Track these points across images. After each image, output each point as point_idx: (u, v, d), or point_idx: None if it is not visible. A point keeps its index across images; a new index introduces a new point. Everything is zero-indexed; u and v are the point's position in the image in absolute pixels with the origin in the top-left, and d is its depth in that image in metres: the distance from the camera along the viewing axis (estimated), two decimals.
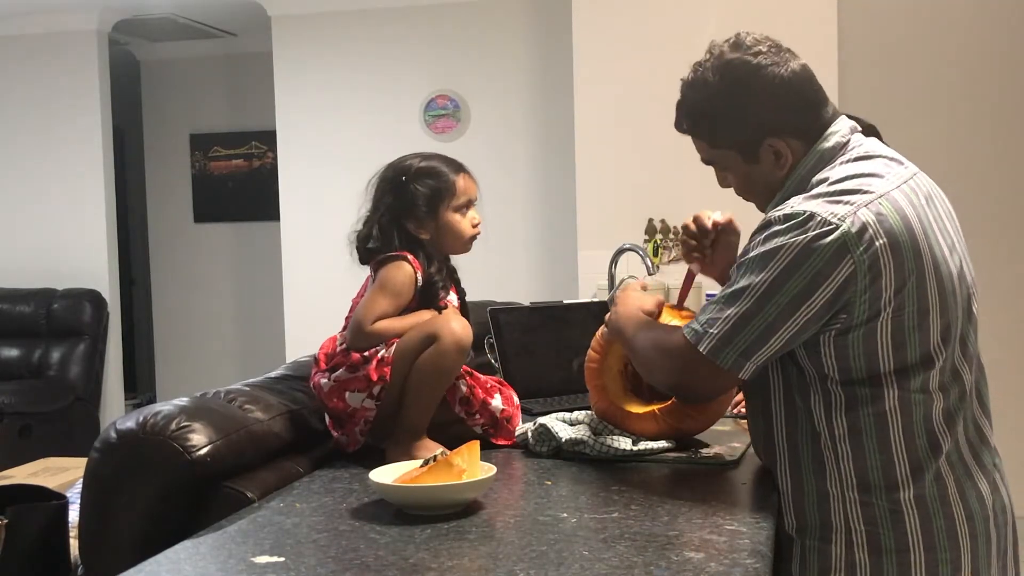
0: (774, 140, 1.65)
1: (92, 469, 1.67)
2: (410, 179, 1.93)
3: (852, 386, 1.57)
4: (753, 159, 1.68)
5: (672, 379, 1.70)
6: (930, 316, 1.56)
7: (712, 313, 1.57)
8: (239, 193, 7.07)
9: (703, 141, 1.72)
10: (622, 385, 1.96)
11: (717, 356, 1.56)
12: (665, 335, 1.69)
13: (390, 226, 1.92)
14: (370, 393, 1.83)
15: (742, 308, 1.54)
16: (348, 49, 5.64)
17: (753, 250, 1.57)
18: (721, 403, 1.95)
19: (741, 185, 1.74)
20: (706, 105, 1.68)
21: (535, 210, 5.50)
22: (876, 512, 1.57)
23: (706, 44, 1.71)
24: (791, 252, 1.51)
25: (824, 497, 1.60)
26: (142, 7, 6.04)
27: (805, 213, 1.52)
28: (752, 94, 1.64)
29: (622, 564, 1.28)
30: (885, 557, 1.57)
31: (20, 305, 6.08)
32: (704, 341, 1.56)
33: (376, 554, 1.34)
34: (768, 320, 1.52)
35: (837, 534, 1.59)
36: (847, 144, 1.66)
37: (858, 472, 1.58)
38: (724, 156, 1.71)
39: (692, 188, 4.48)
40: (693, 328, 1.59)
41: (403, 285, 1.87)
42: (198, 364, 7.06)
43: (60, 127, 6.19)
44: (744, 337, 1.54)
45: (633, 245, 3.52)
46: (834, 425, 1.58)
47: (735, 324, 1.54)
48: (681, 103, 1.72)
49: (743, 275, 1.56)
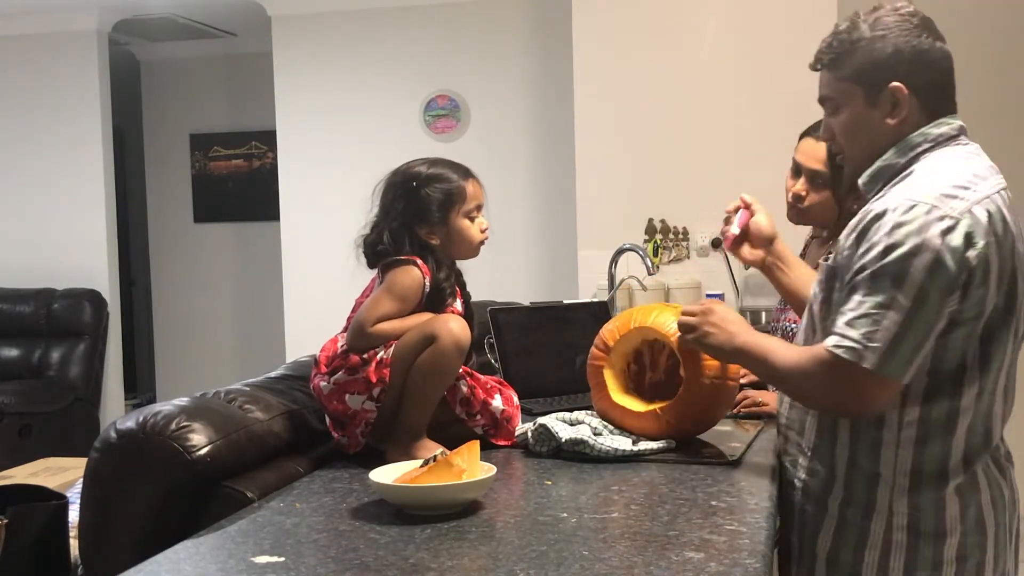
0: (900, 85, 1.65)
1: (92, 469, 1.67)
2: (421, 184, 1.93)
3: (936, 379, 1.60)
4: (873, 101, 1.68)
5: (834, 401, 1.63)
6: (1015, 318, 1.62)
7: (867, 327, 1.53)
8: (239, 193, 7.07)
9: (832, 71, 1.72)
10: (624, 384, 1.97)
11: (884, 369, 1.53)
12: (812, 357, 1.61)
13: (401, 231, 1.92)
14: (370, 395, 1.83)
15: (900, 315, 1.52)
16: (348, 49, 5.64)
17: (878, 244, 1.55)
18: (722, 404, 1.96)
19: (847, 128, 1.73)
20: (853, 35, 1.68)
21: (535, 210, 5.50)
22: (921, 499, 1.63)
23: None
24: (929, 247, 1.51)
25: (874, 479, 1.65)
26: (142, 7, 6.04)
27: (926, 205, 1.54)
28: (898, 37, 1.66)
29: (622, 564, 1.28)
30: (922, 540, 1.63)
31: (20, 305, 6.08)
32: (868, 357, 1.53)
33: (376, 554, 1.34)
34: (927, 320, 1.53)
35: (879, 514, 1.65)
36: (955, 138, 1.68)
37: (914, 460, 1.63)
38: (846, 91, 1.70)
39: (692, 188, 4.49)
40: (848, 346, 1.54)
41: (410, 290, 1.88)
42: (198, 364, 7.05)
43: (60, 127, 6.19)
44: (907, 344, 1.53)
45: (633, 245, 3.52)
46: (905, 413, 1.62)
47: (896, 333, 1.52)
48: (829, 39, 1.73)
49: (886, 279, 1.53)
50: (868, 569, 1.66)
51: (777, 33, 4.31)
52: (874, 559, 1.65)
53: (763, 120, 4.30)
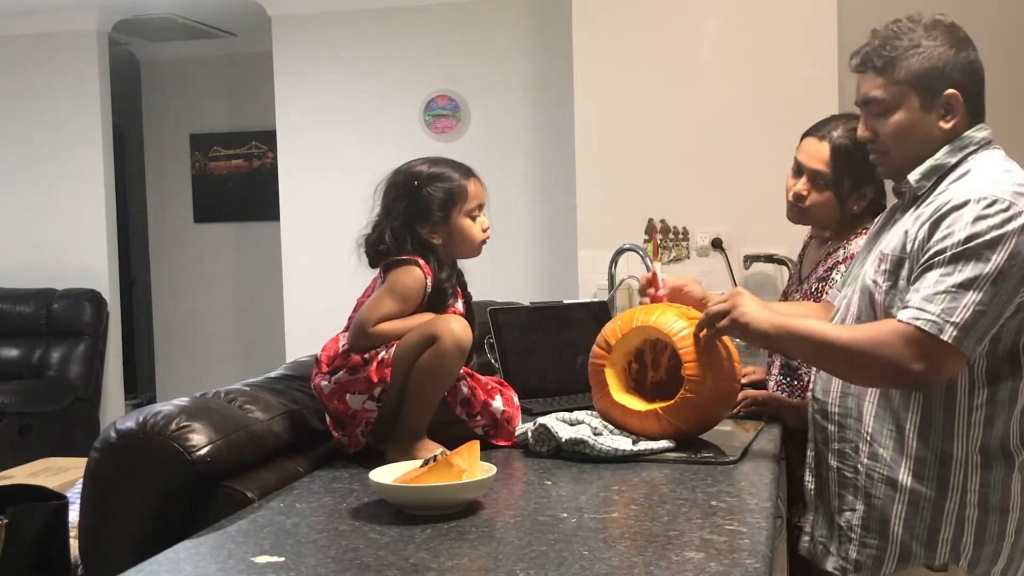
0: (956, 92, 1.77)
1: (92, 469, 1.67)
2: (423, 184, 1.93)
3: (997, 360, 1.72)
4: (928, 105, 1.78)
5: (903, 374, 1.68)
6: None
7: (947, 303, 1.63)
8: (239, 193, 7.07)
9: (886, 76, 1.78)
10: (626, 383, 1.97)
11: (961, 343, 1.63)
12: (885, 330, 1.69)
13: (402, 230, 1.92)
14: (371, 395, 1.83)
15: (979, 295, 1.63)
16: (348, 49, 5.64)
17: (959, 232, 1.66)
18: (724, 406, 1.95)
19: (898, 131, 1.80)
20: (908, 41, 1.77)
21: (535, 210, 5.50)
22: (992, 475, 1.74)
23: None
24: (1011, 239, 1.64)
25: (947, 459, 1.74)
26: (142, 7, 6.04)
27: (1005, 200, 1.66)
28: (952, 47, 1.77)
29: (622, 564, 1.28)
30: (991, 515, 1.75)
31: (20, 305, 6.08)
32: (948, 330, 1.63)
33: (376, 554, 1.34)
34: (1001, 305, 1.65)
35: (954, 491, 1.74)
36: (991, 142, 1.82)
37: (983, 439, 1.74)
38: (901, 95, 1.78)
39: (692, 188, 4.49)
40: (928, 319, 1.64)
41: (412, 290, 1.87)
42: (198, 364, 7.05)
43: (60, 127, 6.19)
44: (983, 323, 1.64)
45: (633, 245, 3.53)
46: (975, 394, 1.73)
47: (975, 313, 1.63)
48: (876, 43, 1.80)
49: (967, 261, 1.64)
50: (943, 544, 1.75)
51: (777, 33, 4.31)
52: (948, 536, 1.75)
53: (763, 120, 4.30)
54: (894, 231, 1.83)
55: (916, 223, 1.74)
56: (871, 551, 1.81)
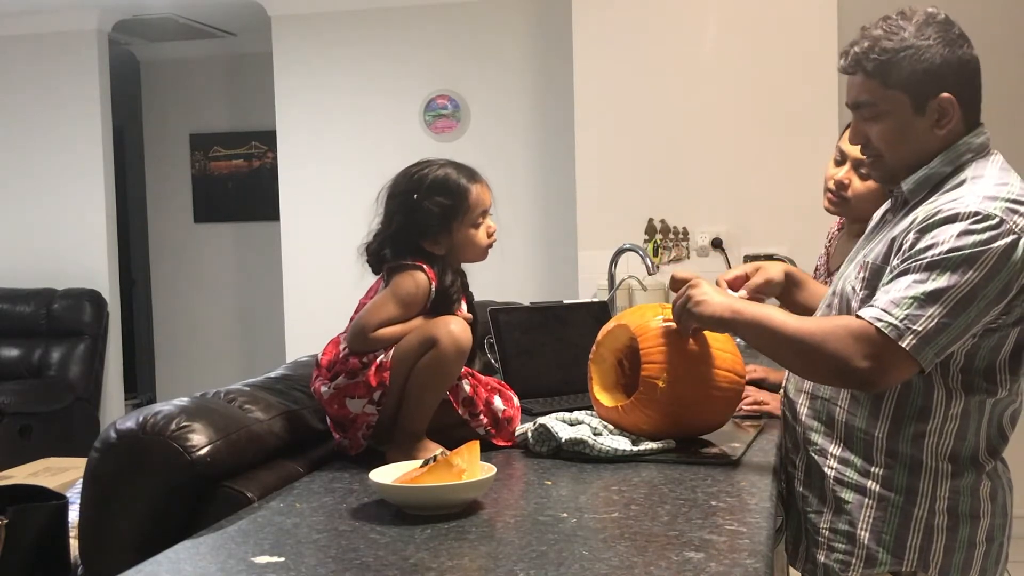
0: (951, 96, 1.69)
1: (92, 469, 1.67)
2: (422, 197, 1.87)
3: (970, 375, 1.68)
4: (920, 109, 1.70)
5: (850, 372, 1.63)
6: None
7: (913, 309, 1.59)
8: (239, 193, 7.07)
9: (877, 80, 1.71)
10: (614, 380, 1.98)
11: (919, 353, 1.59)
12: (840, 325, 1.65)
13: (403, 244, 1.89)
14: (371, 399, 1.83)
15: (946, 309, 1.58)
16: (348, 49, 5.64)
17: (942, 243, 1.60)
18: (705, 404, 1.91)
19: (890, 136, 1.73)
20: (898, 42, 1.69)
21: (535, 210, 5.50)
22: (962, 483, 1.72)
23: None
24: (992, 257, 1.58)
25: (917, 465, 1.72)
26: (142, 7, 6.04)
27: (995, 217, 1.60)
28: (944, 46, 1.68)
29: (622, 564, 1.28)
30: (961, 522, 1.73)
31: (20, 305, 6.08)
32: (907, 337, 1.59)
33: (376, 554, 1.34)
34: (968, 322, 1.60)
35: (923, 498, 1.72)
36: (988, 150, 1.75)
37: (954, 448, 1.71)
38: (892, 99, 1.71)
39: (692, 188, 4.49)
40: (889, 322, 1.59)
41: (415, 296, 1.86)
42: (198, 364, 7.05)
43: (60, 127, 6.18)
44: (945, 338, 1.59)
45: (633, 245, 3.53)
46: (951, 405, 1.70)
47: (939, 325, 1.58)
48: (865, 44, 1.72)
49: (942, 272, 1.59)
50: (911, 552, 1.73)
51: (777, 34, 4.31)
52: (916, 543, 1.72)
53: (763, 120, 4.30)
54: (881, 239, 1.78)
55: (903, 233, 1.69)
56: (838, 555, 1.78)
